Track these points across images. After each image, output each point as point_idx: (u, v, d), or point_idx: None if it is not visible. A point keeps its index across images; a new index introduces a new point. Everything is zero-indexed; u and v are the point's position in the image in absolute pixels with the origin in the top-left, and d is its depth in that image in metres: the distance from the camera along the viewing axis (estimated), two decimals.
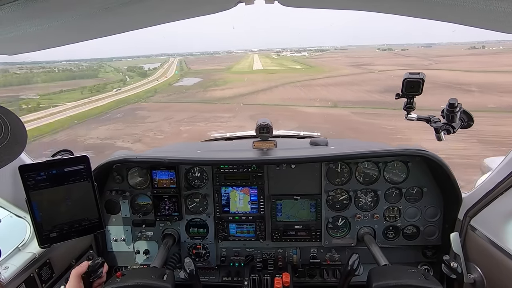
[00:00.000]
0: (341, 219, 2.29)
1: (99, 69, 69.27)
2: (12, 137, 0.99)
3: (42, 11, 0.80)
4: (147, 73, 66.01)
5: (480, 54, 70.71)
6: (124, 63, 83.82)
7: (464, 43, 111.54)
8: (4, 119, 1.01)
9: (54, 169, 1.57)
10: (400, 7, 1.10)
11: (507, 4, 0.72)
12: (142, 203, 2.34)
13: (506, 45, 60.47)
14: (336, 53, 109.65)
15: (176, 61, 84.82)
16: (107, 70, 68.80)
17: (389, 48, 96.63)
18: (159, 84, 54.08)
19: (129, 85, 52.45)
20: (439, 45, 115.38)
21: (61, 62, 67.43)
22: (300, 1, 1.33)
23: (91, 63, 75.81)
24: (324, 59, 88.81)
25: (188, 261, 1.79)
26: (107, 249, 2.40)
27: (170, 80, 58.56)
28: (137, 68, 70.58)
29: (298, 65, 77.58)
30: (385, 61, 73.58)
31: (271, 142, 2.29)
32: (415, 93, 1.50)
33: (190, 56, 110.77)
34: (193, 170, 2.30)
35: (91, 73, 63.81)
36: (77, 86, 47.85)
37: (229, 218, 2.33)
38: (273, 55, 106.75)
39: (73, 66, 67.50)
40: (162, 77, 61.98)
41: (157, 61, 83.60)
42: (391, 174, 2.21)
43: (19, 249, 1.80)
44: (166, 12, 1.16)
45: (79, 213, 1.68)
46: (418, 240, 2.27)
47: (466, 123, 1.53)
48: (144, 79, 58.75)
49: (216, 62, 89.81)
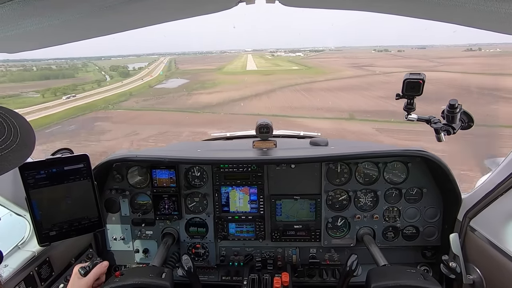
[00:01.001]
0: (340, 219, 2.29)
1: (81, 68, 65.58)
2: (21, 140, 1.00)
3: (42, 9, 0.79)
4: (129, 73, 61.64)
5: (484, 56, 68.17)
6: (112, 62, 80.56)
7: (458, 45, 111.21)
8: (14, 122, 1.02)
9: (54, 167, 1.57)
10: (401, 8, 1.09)
11: (508, 5, 0.72)
12: (141, 202, 2.34)
13: (502, 48, 59.66)
14: (332, 54, 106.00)
15: (166, 61, 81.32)
16: (88, 70, 64.30)
17: (385, 49, 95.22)
18: (138, 86, 47.76)
19: (104, 87, 46.42)
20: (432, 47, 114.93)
21: (48, 60, 65.16)
22: (300, 1, 1.32)
23: (78, 61, 72.92)
24: (320, 60, 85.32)
25: (186, 258, 1.79)
26: (106, 248, 2.40)
27: (152, 82, 51.99)
28: (121, 67, 66.29)
29: (295, 65, 73.79)
30: (386, 62, 70.53)
31: (271, 142, 2.29)
32: (416, 94, 1.50)
33: (182, 55, 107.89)
34: (193, 169, 2.30)
35: (69, 73, 59.92)
36: (45, 88, 41.07)
37: (228, 218, 2.33)
38: (267, 55, 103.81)
39: (55, 65, 64.48)
40: (147, 76, 57.83)
41: (147, 61, 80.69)
42: (391, 175, 2.21)
43: (19, 247, 1.80)
44: (167, 11, 1.15)
45: (78, 211, 1.68)
46: (417, 240, 2.27)
47: (466, 124, 1.53)
48: (126, 79, 53.96)
49: (208, 62, 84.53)
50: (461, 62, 59.14)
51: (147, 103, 36.88)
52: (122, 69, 64.25)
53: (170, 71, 67.89)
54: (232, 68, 73.11)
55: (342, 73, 54.40)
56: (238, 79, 54.38)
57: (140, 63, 75.36)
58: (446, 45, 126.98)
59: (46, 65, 62.05)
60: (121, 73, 60.15)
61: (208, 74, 60.10)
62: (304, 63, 77.55)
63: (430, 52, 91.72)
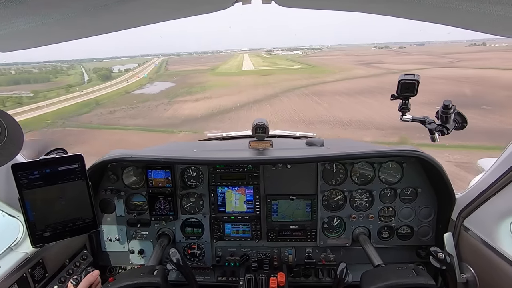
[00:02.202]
0: (336, 219, 2.30)
1: (63, 72, 61.62)
2: (9, 138, 0.99)
3: (36, 7, 0.78)
4: (111, 76, 56.73)
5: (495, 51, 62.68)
6: (105, 64, 78.19)
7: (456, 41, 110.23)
8: (1, 121, 1.01)
9: (48, 168, 1.55)
10: (395, 9, 1.10)
11: (500, 7, 0.73)
12: (137, 203, 2.33)
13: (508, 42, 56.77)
14: (331, 52, 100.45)
15: (157, 62, 78.28)
16: (69, 73, 60.40)
17: (386, 46, 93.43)
18: (111, 93, 40.67)
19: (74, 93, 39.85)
20: (429, 43, 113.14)
21: (38, 64, 62.94)
22: (296, 2, 1.33)
23: (68, 64, 69.59)
24: (321, 58, 79.49)
25: (173, 251, 1.79)
26: (101, 248, 2.38)
27: (130, 87, 45.28)
28: (104, 69, 63.08)
29: (295, 64, 68.79)
30: (394, 59, 64.49)
31: (267, 142, 2.30)
32: (410, 94, 1.52)
33: (176, 56, 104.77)
34: (189, 169, 2.29)
35: (43, 77, 55.04)
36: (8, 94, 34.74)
37: (224, 218, 2.32)
38: (264, 54, 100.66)
39: (37, 68, 61.70)
40: (134, 77, 53.63)
41: (141, 62, 77.87)
42: (386, 175, 2.23)
43: (12, 248, 1.78)
44: (162, 10, 1.15)
45: (73, 212, 1.66)
46: (412, 240, 2.29)
47: (460, 125, 1.55)
48: (105, 83, 48.19)
49: (201, 62, 78.30)
50: (480, 57, 54.41)
51: (112, 117, 29.06)
52: (104, 71, 60.42)
53: (158, 73, 63.16)
54: (226, 68, 67.79)
55: (352, 72, 48.37)
56: (233, 81, 47.81)
57: (128, 64, 72.54)
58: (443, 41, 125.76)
59: (26, 69, 58.77)
60: (100, 76, 55.65)
61: (199, 76, 54.35)
62: (305, 61, 72.63)
63: (431, 48, 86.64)
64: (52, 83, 49.25)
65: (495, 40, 62.44)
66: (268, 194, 2.28)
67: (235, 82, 46.54)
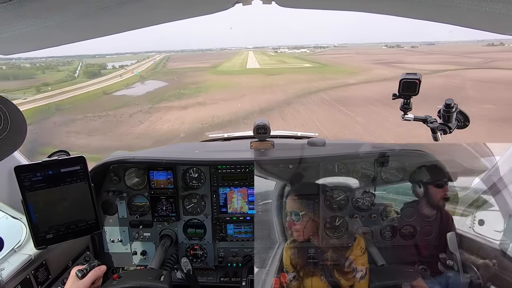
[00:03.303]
0: (338, 219, 2.29)
1: (55, 67, 58.29)
2: (12, 127, 0.95)
3: (37, 10, 0.79)
4: (100, 73, 52.35)
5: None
6: (107, 60, 75.51)
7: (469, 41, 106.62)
8: (4, 109, 0.96)
9: (51, 170, 1.56)
10: (396, 8, 1.10)
11: (502, 5, 0.73)
12: (139, 204, 2.33)
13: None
14: (338, 50, 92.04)
15: (158, 58, 74.39)
16: (60, 69, 56.56)
17: (397, 45, 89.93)
18: (86, 94, 34.74)
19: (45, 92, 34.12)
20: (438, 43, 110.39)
21: (40, 59, 62.04)
22: (297, 2, 1.33)
23: (69, 59, 67.38)
24: (332, 56, 71.22)
25: (185, 261, 1.79)
26: (104, 250, 2.38)
27: (109, 88, 38.26)
28: (97, 65, 59.74)
29: (305, 62, 60.26)
30: (415, 58, 58.00)
31: (269, 143, 2.29)
32: (412, 94, 1.52)
33: (180, 53, 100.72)
34: (191, 170, 2.29)
35: (26, 73, 51.15)
36: None
37: (226, 219, 2.32)
38: (270, 52, 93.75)
39: (29, 63, 59.59)
40: (128, 73, 50.11)
41: (142, 58, 75.07)
42: (388, 174, 2.22)
43: (15, 250, 1.79)
44: (163, 12, 1.15)
45: (75, 214, 1.66)
46: (415, 239, 2.27)
47: (462, 123, 1.54)
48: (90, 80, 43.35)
49: (203, 59, 71.39)
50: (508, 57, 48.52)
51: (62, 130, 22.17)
52: (95, 68, 56.78)
53: (154, 70, 58.63)
54: (229, 66, 60.65)
55: (374, 73, 40.83)
56: (235, 82, 40.73)
57: (127, 61, 70.71)
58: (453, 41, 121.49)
59: (17, 64, 55.78)
60: (87, 73, 50.65)
61: (197, 75, 47.10)
62: (315, 60, 64.77)
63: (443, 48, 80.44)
64: (34, 80, 42.95)
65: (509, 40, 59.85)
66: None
67: (237, 82, 40.36)
